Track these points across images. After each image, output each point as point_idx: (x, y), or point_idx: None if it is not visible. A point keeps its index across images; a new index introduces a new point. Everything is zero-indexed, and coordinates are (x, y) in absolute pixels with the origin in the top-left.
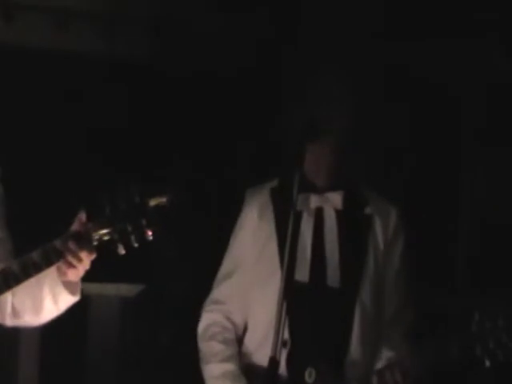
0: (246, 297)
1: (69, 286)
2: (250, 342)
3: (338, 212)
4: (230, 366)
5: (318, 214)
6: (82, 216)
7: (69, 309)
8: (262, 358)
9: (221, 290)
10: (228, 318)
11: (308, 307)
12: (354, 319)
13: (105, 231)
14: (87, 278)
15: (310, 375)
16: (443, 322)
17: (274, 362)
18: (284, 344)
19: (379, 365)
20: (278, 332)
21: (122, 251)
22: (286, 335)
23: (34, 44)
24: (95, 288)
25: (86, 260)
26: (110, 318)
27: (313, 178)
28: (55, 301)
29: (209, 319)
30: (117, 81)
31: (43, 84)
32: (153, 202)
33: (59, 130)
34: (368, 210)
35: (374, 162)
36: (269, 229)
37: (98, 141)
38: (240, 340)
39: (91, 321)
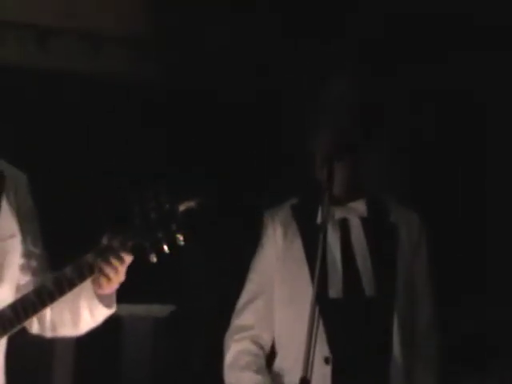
0: (272, 319)
1: (104, 300)
2: (281, 364)
3: (363, 220)
4: None
5: (343, 225)
6: (109, 232)
7: (102, 330)
8: (296, 378)
9: (246, 315)
10: (256, 343)
11: (346, 321)
12: (393, 328)
13: (136, 242)
14: (119, 299)
15: None
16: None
17: (305, 381)
18: (326, 361)
19: None
20: (308, 351)
21: (153, 259)
22: (327, 352)
23: (68, 68)
24: (127, 309)
25: (120, 271)
26: (142, 338)
27: (334, 191)
28: (92, 314)
29: (238, 348)
30: (148, 104)
31: (72, 106)
32: (182, 207)
33: (89, 146)
34: (392, 218)
35: (397, 168)
36: (295, 246)
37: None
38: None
39: (124, 341)
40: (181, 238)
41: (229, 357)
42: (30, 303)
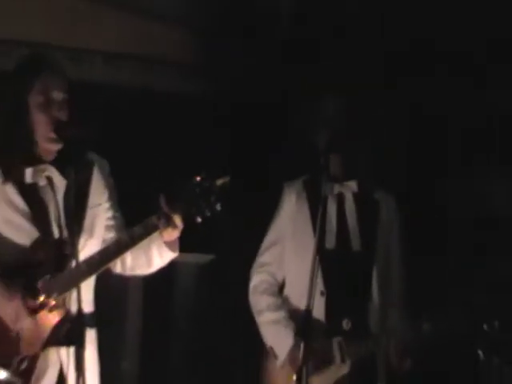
0: (284, 261)
1: (170, 246)
2: (288, 295)
3: (354, 195)
4: (282, 313)
5: (340, 198)
6: (163, 199)
7: (160, 274)
8: (300, 306)
9: (267, 256)
10: (273, 276)
11: (337, 266)
12: (372, 276)
13: (185, 209)
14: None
15: (347, 324)
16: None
17: (309, 312)
18: (322, 293)
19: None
20: (311, 288)
21: (198, 220)
22: (323, 287)
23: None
24: (179, 257)
25: (178, 227)
26: (190, 280)
27: (334, 172)
28: (161, 256)
29: (259, 278)
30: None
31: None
32: (219, 182)
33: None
34: (376, 196)
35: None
36: (304, 210)
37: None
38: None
39: (177, 281)
40: (218, 205)
41: (252, 284)
42: (111, 251)
